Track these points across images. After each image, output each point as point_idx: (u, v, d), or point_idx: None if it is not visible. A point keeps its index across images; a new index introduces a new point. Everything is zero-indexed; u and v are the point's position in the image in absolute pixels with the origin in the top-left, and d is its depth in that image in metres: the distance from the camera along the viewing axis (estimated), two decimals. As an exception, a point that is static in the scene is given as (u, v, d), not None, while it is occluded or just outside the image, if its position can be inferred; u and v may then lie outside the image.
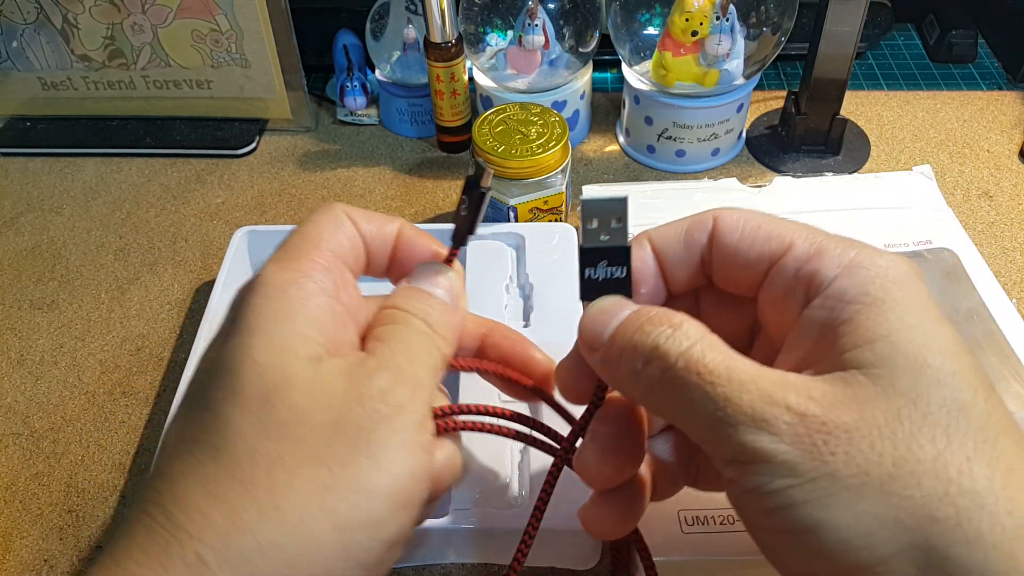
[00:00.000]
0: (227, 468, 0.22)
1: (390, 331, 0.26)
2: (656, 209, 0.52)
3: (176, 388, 0.42)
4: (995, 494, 0.20)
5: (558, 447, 0.30)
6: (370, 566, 0.23)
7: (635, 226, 0.27)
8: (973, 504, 0.20)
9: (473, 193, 0.28)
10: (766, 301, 0.27)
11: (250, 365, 0.23)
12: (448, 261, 0.30)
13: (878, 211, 0.51)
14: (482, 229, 0.50)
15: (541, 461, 0.38)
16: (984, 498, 0.20)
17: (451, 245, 0.30)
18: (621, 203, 0.27)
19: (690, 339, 0.23)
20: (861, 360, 0.22)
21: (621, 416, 0.28)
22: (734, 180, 0.54)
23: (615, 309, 0.26)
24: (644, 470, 0.29)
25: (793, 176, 0.55)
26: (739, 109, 0.61)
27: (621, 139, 0.66)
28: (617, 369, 0.25)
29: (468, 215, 0.28)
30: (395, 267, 0.30)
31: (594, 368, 0.27)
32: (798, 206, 0.52)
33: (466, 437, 0.30)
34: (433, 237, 0.30)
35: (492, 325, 0.32)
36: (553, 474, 0.30)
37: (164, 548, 0.21)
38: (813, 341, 0.24)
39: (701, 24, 0.56)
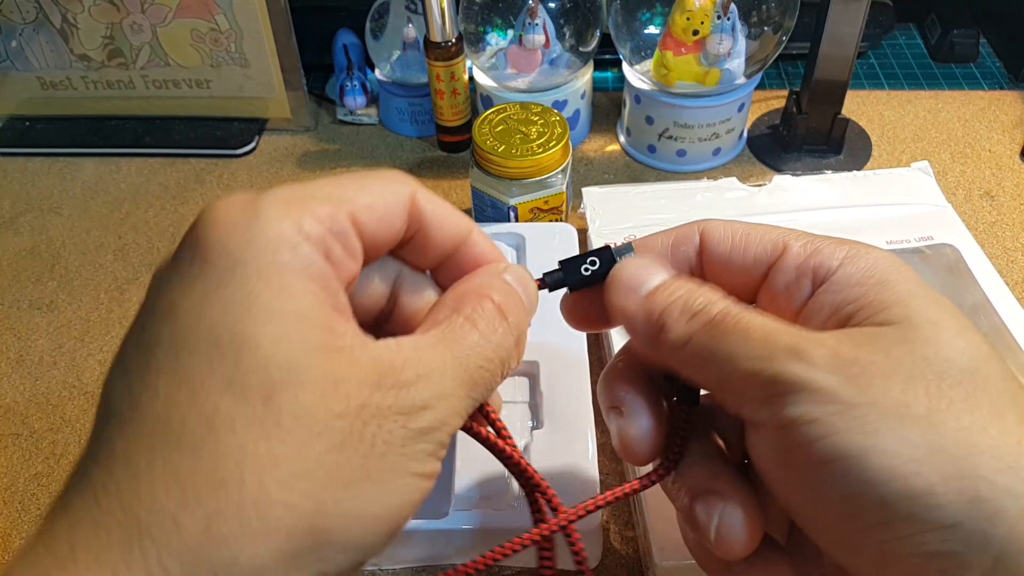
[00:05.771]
0: (209, 466, 0.19)
1: (453, 322, 0.23)
2: (656, 209, 0.51)
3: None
4: None
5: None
6: None
7: (636, 226, 0.27)
8: (1011, 439, 0.20)
9: (604, 260, 0.28)
10: (765, 301, 0.27)
11: (252, 352, 0.20)
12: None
13: (878, 207, 0.51)
14: (482, 229, 0.50)
15: (543, 461, 0.38)
16: (1018, 435, 0.21)
17: (544, 280, 0.28)
18: None
19: (731, 302, 0.25)
20: (880, 321, 0.23)
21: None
22: (734, 179, 0.54)
23: (657, 268, 0.27)
24: None
25: (793, 174, 0.55)
26: (740, 109, 0.61)
27: (622, 139, 0.66)
28: (656, 321, 0.26)
29: (587, 276, 0.28)
30: (448, 266, 0.27)
31: (621, 314, 0.27)
32: (798, 204, 0.52)
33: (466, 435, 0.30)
34: (501, 252, 0.27)
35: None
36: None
37: (122, 553, 0.18)
38: (823, 321, 0.25)
39: (702, 23, 0.56)
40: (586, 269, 0.28)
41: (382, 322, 0.27)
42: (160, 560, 0.18)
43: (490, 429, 0.27)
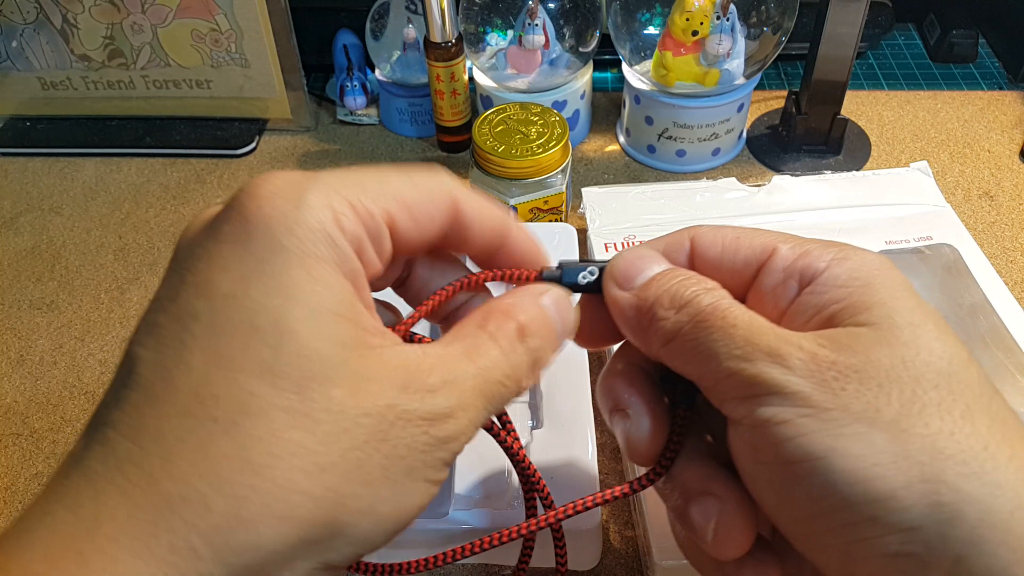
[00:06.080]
0: (240, 449, 0.19)
1: (477, 337, 0.24)
2: (656, 210, 0.52)
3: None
4: (995, 440, 0.21)
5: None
6: (336, 567, 0.22)
7: (635, 226, 0.27)
8: (977, 444, 0.21)
9: (603, 272, 0.28)
10: (753, 303, 0.27)
11: (291, 341, 0.20)
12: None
13: (877, 208, 0.51)
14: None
15: (543, 461, 0.38)
16: (986, 441, 0.21)
17: (541, 275, 0.28)
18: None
19: (721, 296, 0.25)
20: (861, 322, 0.23)
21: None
22: (733, 180, 0.54)
23: (651, 260, 0.27)
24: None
25: (792, 175, 0.55)
26: (739, 109, 0.61)
27: (621, 139, 0.66)
28: (647, 312, 0.26)
29: (583, 284, 0.28)
30: (489, 263, 0.28)
31: (613, 305, 0.27)
32: (797, 204, 0.52)
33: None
34: (542, 252, 0.28)
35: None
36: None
37: (150, 527, 0.19)
38: (808, 320, 0.25)
39: (702, 24, 0.56)
40: (584, 277, 0.28)
41: (395, 287, 0.28)
42: (186, 537, 0.19)
43: (498, 423, 0.28)
